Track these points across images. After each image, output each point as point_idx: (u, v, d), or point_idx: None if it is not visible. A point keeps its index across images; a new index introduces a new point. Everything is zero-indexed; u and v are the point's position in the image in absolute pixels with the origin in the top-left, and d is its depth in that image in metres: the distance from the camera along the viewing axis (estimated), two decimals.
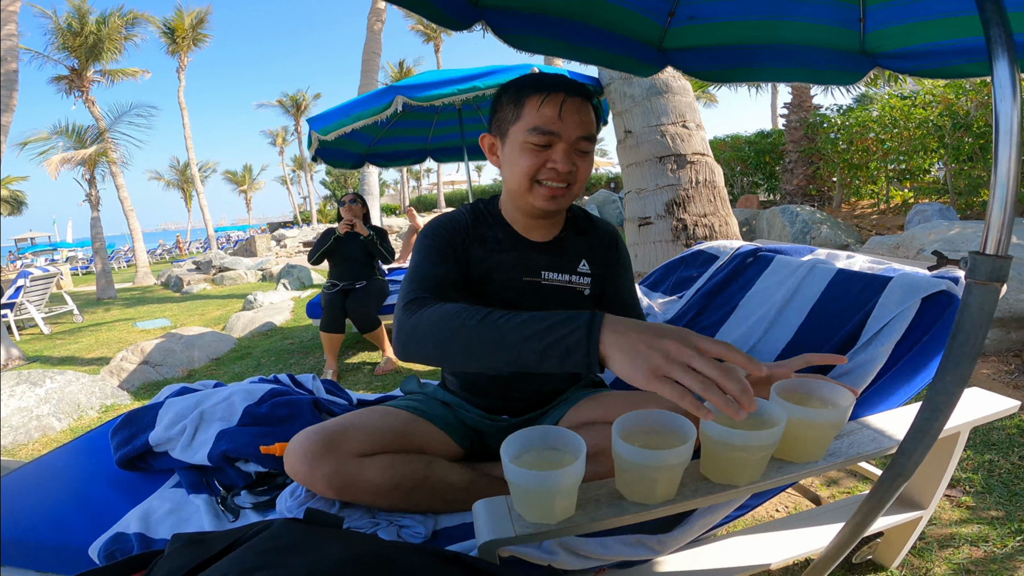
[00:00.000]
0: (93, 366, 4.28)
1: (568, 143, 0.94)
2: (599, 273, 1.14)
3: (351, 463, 0.93)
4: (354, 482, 0.93)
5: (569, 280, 1.10)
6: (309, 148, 3.58)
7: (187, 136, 17.57)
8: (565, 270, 1.10)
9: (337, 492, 0.93)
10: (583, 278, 1.12)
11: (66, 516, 1.10)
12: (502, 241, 1.07)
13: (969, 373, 0.68)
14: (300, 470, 0.92)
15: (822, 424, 0.76)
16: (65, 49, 11.21)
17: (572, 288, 1.11)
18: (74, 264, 19.92)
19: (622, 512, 0.71)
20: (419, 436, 1.05)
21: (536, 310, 1.03)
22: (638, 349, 0.61)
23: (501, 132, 1.00)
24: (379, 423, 1.01)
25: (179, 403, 1.38)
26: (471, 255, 1.05)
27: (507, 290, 1.06)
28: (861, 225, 6.50)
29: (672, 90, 3.23)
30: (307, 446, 0.92)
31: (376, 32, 8.06)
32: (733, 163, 10.14)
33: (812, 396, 0.84)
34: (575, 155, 0.96)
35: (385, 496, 0.95)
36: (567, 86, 0.94)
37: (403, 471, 0.96)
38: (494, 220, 1.09)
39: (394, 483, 0.95)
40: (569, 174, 0.96)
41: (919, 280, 1.06)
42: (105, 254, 10.22)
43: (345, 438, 0.94)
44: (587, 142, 0.96)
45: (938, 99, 5.85)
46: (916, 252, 3.43)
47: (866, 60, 1.33)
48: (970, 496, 1.49)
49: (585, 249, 1.13)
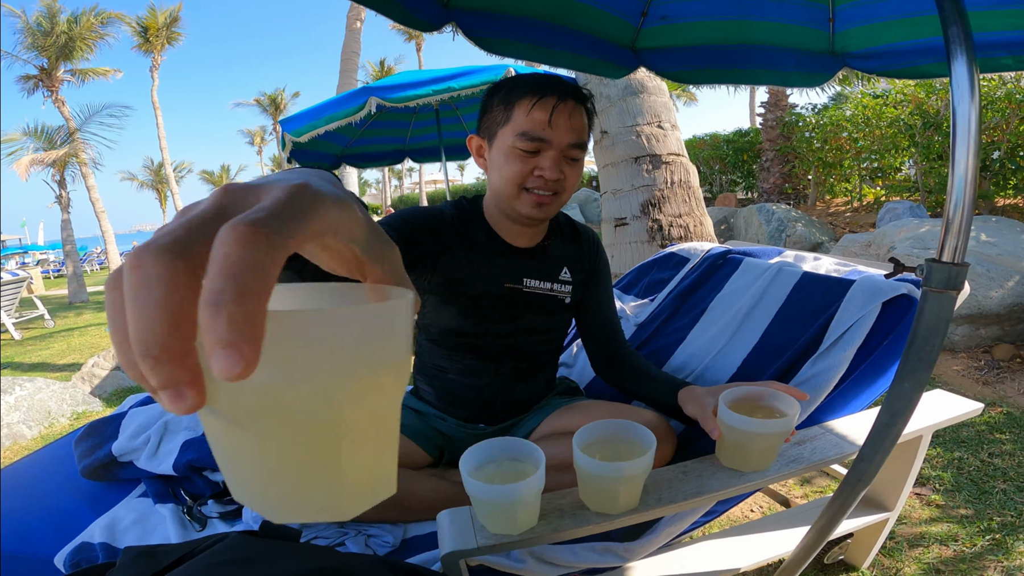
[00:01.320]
0: (65, 372, 4.17)
1: (558, 150, 0.91)
2: (580, 280, 1.13)
3: None
4: None
5: (551, 288, 1.08)
6: (283, 150, 3.52)
7: (161, 136, 17.20)
8: (548, 278, 1.08)
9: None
10: (565, 286, 1.10)
11: (32, 526, 1.08)
12: (484, 245, 1.03)
13: (926, 379, 0.69)
14: None
15: (768, 435, 0.77)
16: (35, 48, 10.88)
17: (553, 296, 1.09)
18: (45, 267, 19.40)
19: (585, 522, 0.71)
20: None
21: (516, 317, 1.05)
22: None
23: (489, 134, 0.96)
24: None
25: (143, 412, 1.36)
26: (446, 256, 1.00)
27: (484, 295, 1.03)
28: (835, 223, 6.61)
29: (648, 90, 3.24)
30: None
31: (356, 31, 7.96)
32: (712, 161, 10.23)
33: (759, 406, 0.84)
34: (564, 163, 0.93)
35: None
36: (560, 89, 0.91)
37: None
38: (477, 222, 1.04)
39: None
40: (557, 182, 0.93)
41: (880, 284, 1.07)
42: (77, 257, 9.96)
43: None
44: (578, 149, 0.93)
45: (909, 98, 5.95)
46: (887, 249, 3.50)
47: (835, 60, 1.35)
48: (939, 495, 1.52)
49: (568, 257, 1.11)
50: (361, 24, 8.00)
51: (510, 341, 1.09)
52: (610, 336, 1.18)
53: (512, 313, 1.06)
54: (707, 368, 1.27)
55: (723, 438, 0.81)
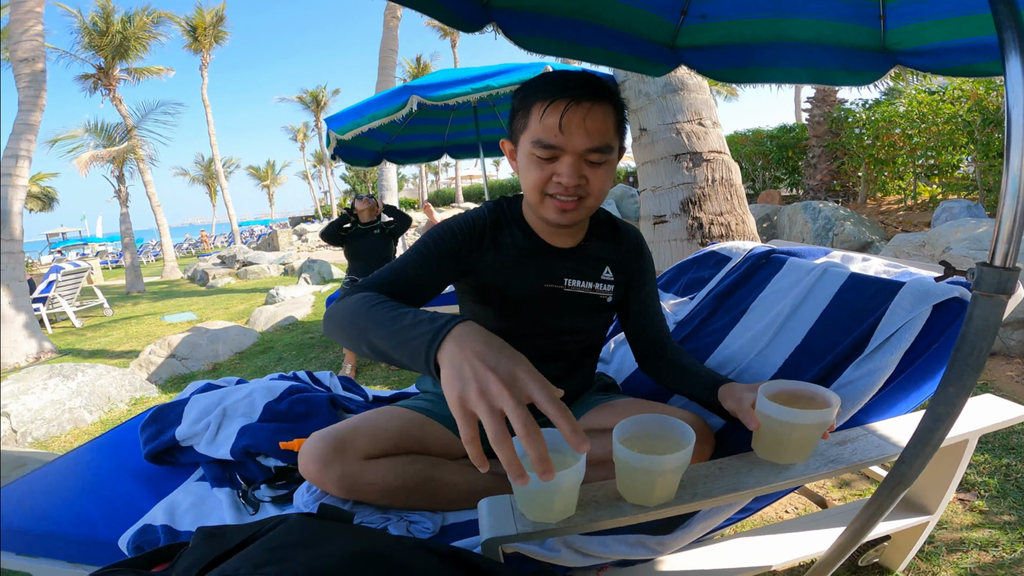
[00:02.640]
0: (123, 359, 4.42)
1: (574, 155, 0.87)
2: (623, 280, 1.12)
3: (357, 466, 0.95)
4: (361, 484, 0.96)
5: (592, 288, 1.08)
6: (328, 147, 3.64)
7: (211, 132, 17.93)
8: (588, 278, 1.07)
9: (346, 492, 0.96)
10: (606, 285, 1.09)
11: (96, 509, 1.14)
12: (523, 247, 1.03)
13: (972, 384, 0.69)
14: (312, 473, 0.96)
15: (806, 426, 0.77)
16: (92, 48, 11.48)
17: (595, 296, 1.09)
18: (104, 258, 20.51)
19: (620, 513, 0.73)
20: (425, 436, 1.07)
21: (557, 317, 1.06)
22: (463, 371, 0.56)
23: (515, 139, 0.96)
24: (386, 424, 1.03)
25: (204, 399, 1.43)
26: (483, 260, 1.02)
27: (527, 297, 1.04)
28: (887, 222, 6.35)
29: (688, 87, 3.20)
30: (318, 450, 0.95)
31: (392, 29, 8.09)
32: (754, 157, 9.97)
33: (799, 398, 0.84)
34: (585, 167, 0.89)
35: (389, 496, 0.98)
36: (574, 89, 0.85)
37: (406, 473, 0.99)
38: (516, 223, 1.04)
39: (397, 484, 0.98)
40: (579, 188, 0.89)
41: (931, 286, 1.05)
42: (134, 249, 10.50)
43: (352, 441, 0.96)
44: (598, 153, 0.88)
45: (967, 95, 5.69)
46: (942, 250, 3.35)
47: (886, 58, 1.31)
48: (983, 500, 1.47)
49: (609, 256, 1.10)
50: (397, 22, 8.12)
51: (551, 341, 1.10)
52: (654, 335, 1.17)
53: (553, 313, 1.07)
54: (746, 369, 1.26)
55: (760, 429, 0.82)
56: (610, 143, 0.89)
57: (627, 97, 3.41)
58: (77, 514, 1.13)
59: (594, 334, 1.16)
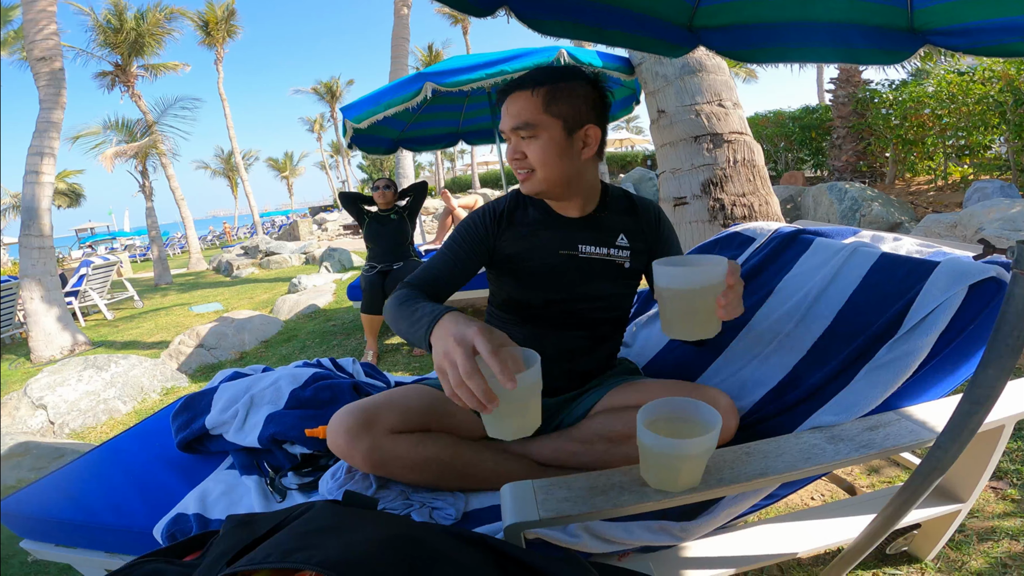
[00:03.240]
0: (154, 350, 4.55)
1: (507, 134, 1.06)
2: (641, 248, 1.16)
3: (386, 440, 1.00)
4: (389, 457, 0.99)
5: (607, 253, 1.14)
6: (344, 136, 3.65)
7: (229, 126, 18.16)
8: (603, 244, 1.14)
9: (373, 467, 1.00)
10: (622, 251, 1.15)
11: (132, 499, 1.18)
12: (539, 220, 1.14)
13: (1012, 366, 0.66)
14: (341, 446, 0.99)
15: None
16: (107, 45, 11.63)
17: (612, 261, 1.14)
18: (132, 252, 21.04)
19: (644, 499, 0.73)
20: (449, 415, 1.10)
21: (578, 283, 1.16)
22: (438, 344, 0.74)
23: None
24: (413, 401, 1.07)
25: (231, 388, 1.46)
26: (502, 240, 1.14)
27: (545, 265, 1.12)
28: (916, 202, 6.15)
29: (706, 68, 3.12)
30: (347, 423, 0.99)
31: (403, 17, 8.03)
32: (776, 139, 9.75)
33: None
34: (521, 142, 1.04)
35: (416, 471, 1.02)
36: (508, 85, 1.05)
37: (432, 448, 1.03)
38: (532, 202, 1.16)
39: (424, 459, 1.01)
40: (521, 161, 1.05)
41: (967, 266, 1.01)
42: (161, 242, 10.75)
43: (381, 416, 1.01)
44: (521, 130, 1.03)
45: (999, 75, 5.53)
46: (975, 230, 3.24)
47: (915, 38, 1.26)
48: (1016, 489, 1.43)
49: (624, 225, 1.16)
50: (408, 10, 8.06)
51: (570, 307, 1.15)
52: None
53: (570, 279, 1.13)
54: (773, 351, 1.24)
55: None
56: (529, 120, 1.02)
57: (644, 79, 3.34)
58: (114, 504, 1.17)
59: (614, 301, 1.18)
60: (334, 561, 0.46)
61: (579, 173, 1.08)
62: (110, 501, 1.18)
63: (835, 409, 0.96)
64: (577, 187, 1.10)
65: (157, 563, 0.58)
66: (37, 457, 2.25)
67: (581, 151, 1.06)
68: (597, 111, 1.06)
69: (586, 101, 1.04)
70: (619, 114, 4.28)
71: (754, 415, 1.13)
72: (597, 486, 0.77)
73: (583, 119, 1.04)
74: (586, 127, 1.04)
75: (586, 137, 1.05)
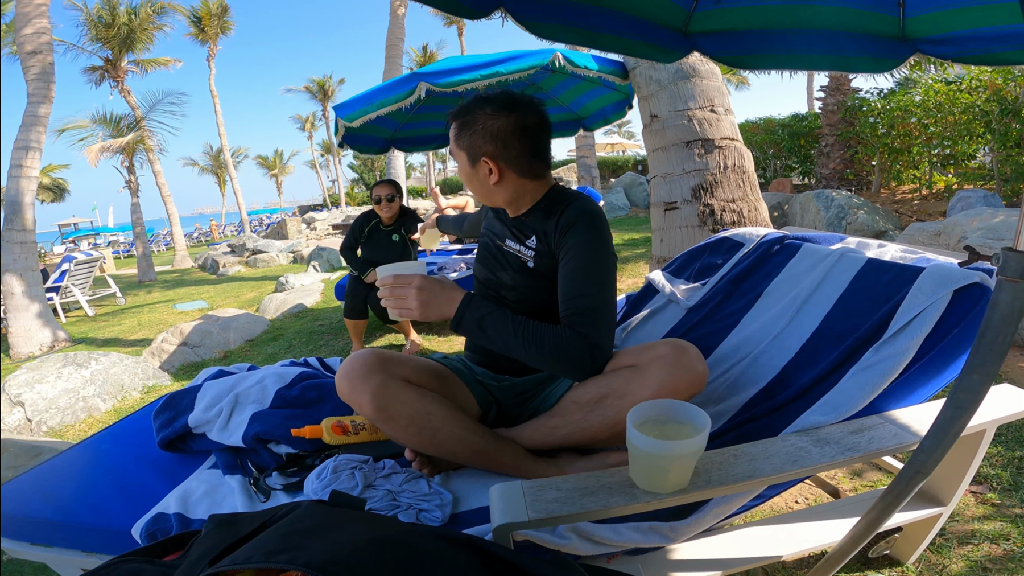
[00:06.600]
0: (136, 347, 4.47)
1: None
2: (544, 251, 1.20)
3: (396, 383, 1.07)
4: (393, 402, 1.05)
5: (518, 250, 1.25)
6: (336, 135, 3.61)
7: (219, 123, 17.97)
8: (518, 241, 1.25)
9: (378, 407, 1.04)
10: (528, 251, 1.23)
11: (110, 498, 1.15)
12: (497, 211, 1.33)
13: (996, 371, 0.67)
14: (353, 380, 1.05)
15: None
16: (98, 40, 11.47)
17: (518, 257, 1.25)
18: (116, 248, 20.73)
19: (633, 500, 0.73)
20: (451, 386, 1.21)
21: (496, 269, 1.32)
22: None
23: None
24: (425, 362, 1.20)
25: (216, 386, 1.43)
26: (488, 217, 1.38)
27: (485, 247, 1.35)
28: (901, 211, 6.25)
29: (699, 74, 3.14)
30: (364, 358, 1.08)
31: (399, 17, 8.02)
32: (766, 146, 9.85)
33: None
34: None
35: (415, 425, 1.06)
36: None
37: (434, 405, 1.09)
38: None
39: (426, 411, 1.06)
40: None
41: (952, 271, 1.03)
42: (145, 238, 10.59)
43: (396, 362, 1.11)
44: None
45: (985, 84, 5.63)
46: (958, 239, 3.29)
47: (906, 46, 1.28)
48: (996, 493, 1.45)
49: (538, 227, 1.22)
50: (404, 10, 8.05)
51: (492, 293, 1.30)
52: (562, 311, 1.13)
53: (495, 265, 1.30)
54: (762, 353, 1.25)
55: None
56: (450, 150, 1.22)
57: (638, 84, 3.36)
58: (92, 503, 1.14)
59: (522, 294, 1.24)
60: (319, 562, 0.45)
61: (494, 193, 1.20)
62: (88, 500, 1.16)
63: (823, 409, 0.97)
64: (500, 200, 1.23)
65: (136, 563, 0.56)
66: (14, 455, 2.20)
67: (487, 177, 1.16)
68: (499, 141, 1.13)
69: (485, 134, 1.13)
70: (612, 118, 4.30)
71: (744, 414, 1.14)
72: (587, 487, 0.77)
73: (479, 151, 1.14)
74: (483, 159, 1.14)
75: (487, 166, 1.15)
